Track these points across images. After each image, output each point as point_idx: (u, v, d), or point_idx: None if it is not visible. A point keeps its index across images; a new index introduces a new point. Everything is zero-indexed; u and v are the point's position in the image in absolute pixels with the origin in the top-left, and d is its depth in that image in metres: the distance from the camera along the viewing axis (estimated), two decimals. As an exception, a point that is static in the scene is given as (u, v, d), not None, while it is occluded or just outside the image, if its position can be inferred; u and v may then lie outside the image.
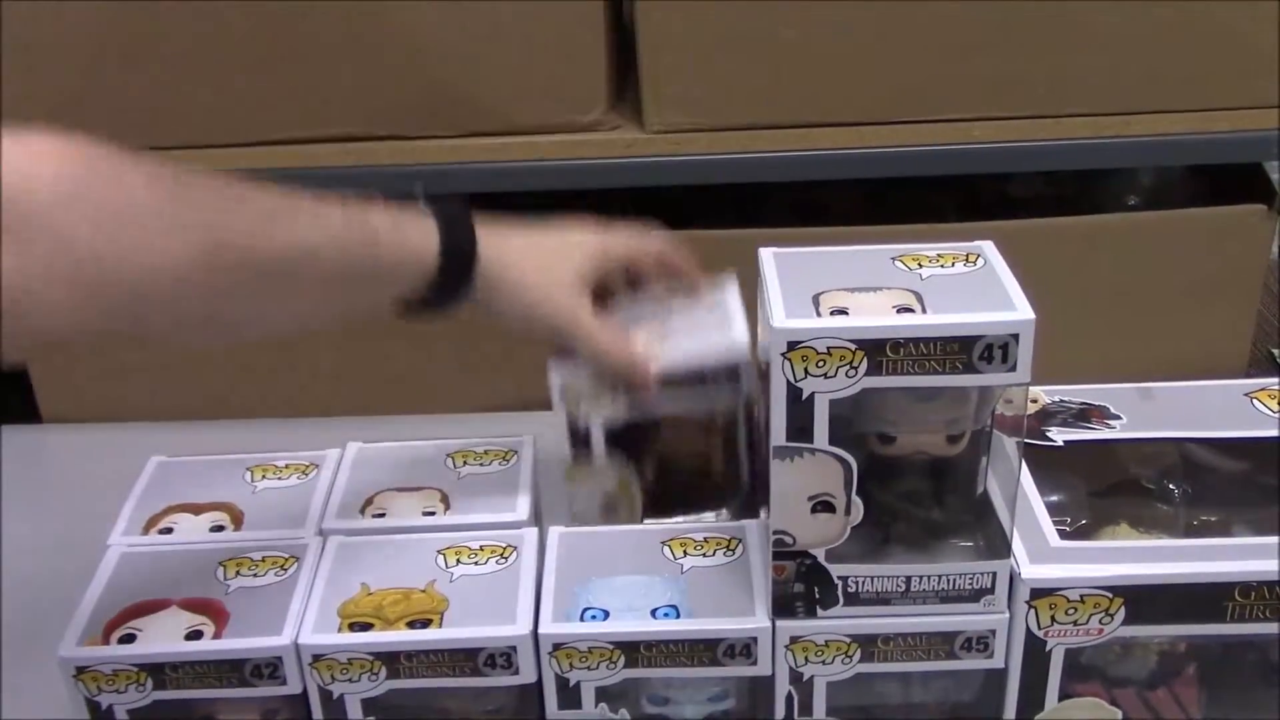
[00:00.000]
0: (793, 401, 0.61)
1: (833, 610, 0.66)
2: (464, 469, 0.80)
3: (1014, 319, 0.60)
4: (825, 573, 0.65)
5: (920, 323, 0.60)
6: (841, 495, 0.63)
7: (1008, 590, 0.66)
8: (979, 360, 0.60)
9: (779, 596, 0.66)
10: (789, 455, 0.63)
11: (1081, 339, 1.07)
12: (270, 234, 0.62)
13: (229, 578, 0.71)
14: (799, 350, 0.60)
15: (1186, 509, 0.73)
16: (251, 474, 0.80)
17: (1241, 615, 0.65)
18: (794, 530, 0.65)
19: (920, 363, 0.60)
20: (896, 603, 0.66)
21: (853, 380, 0.60)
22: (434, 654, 0.66)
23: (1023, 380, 0.61)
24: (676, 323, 0.78)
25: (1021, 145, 1.00)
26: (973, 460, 0.67)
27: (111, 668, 0.66)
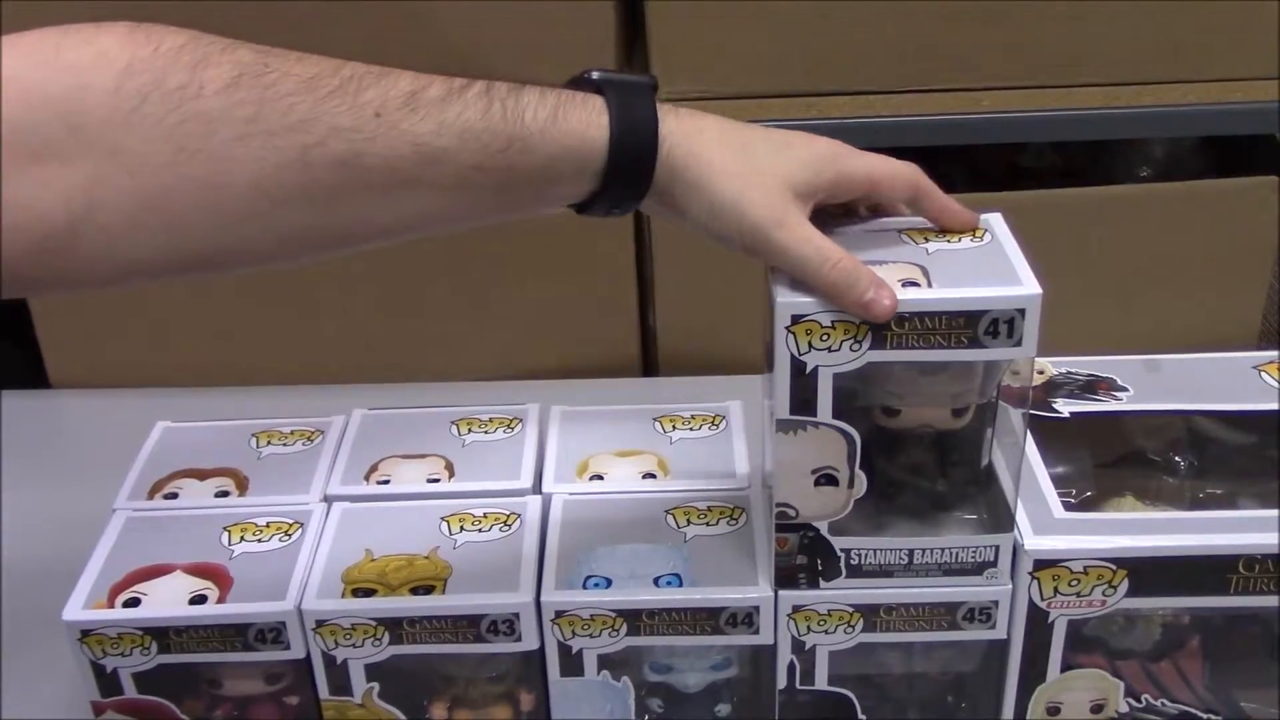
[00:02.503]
0: (796, 375, 0.61)
1: (835, 582, 0.66)
2: (468, 436, 0.80)
3: (1021, 294, 0.60)
4: (828, 545, 0.65)
5: (926, 297, 0.60)
6: (845, 468, 0.63)
7: (1011, 563, 0.65)
8: (985, 335, 0.60)
9: (781, 568, 0.66)
10: (792, 428, 0.62)
11: (1091, 311, 1.06)
12: (379, 136, 0.54)
13: (233, 543, 0.71)
14: (803, 324, 0.60)
15: (1192, 481, 0.73)
16: (257, 440, 0.81)
17: (1245, 588, 0.65)
18: (797, 503, 0.64)
19: (925, 337, 0.60)
20: (899, 575, 0.66)
21: (857, 354, 0.60)
22: (437, 620, 0.66)
23: (1028, 355, 0.61)
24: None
25: (1032, 115, 1.00)
26: (977, 433, 0.66)
27: (116, 631, 0.67)
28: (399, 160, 0.54)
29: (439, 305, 1.07)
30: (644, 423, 0.80)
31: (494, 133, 0.56)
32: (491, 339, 1.08)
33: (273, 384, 1.06)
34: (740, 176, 0.60)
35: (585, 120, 0.58)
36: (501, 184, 0.57)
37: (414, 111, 0.54)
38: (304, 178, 0.53)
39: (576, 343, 1.09)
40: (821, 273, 0.59)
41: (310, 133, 0.53)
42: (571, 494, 0.74)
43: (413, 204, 0.56)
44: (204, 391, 1.05)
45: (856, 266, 0.59)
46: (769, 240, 0.60)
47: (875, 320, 0.59)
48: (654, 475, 0.76)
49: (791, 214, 0.60)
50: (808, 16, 0.96)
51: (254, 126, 0.52)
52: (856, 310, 0.59)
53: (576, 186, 0.59)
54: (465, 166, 0.55)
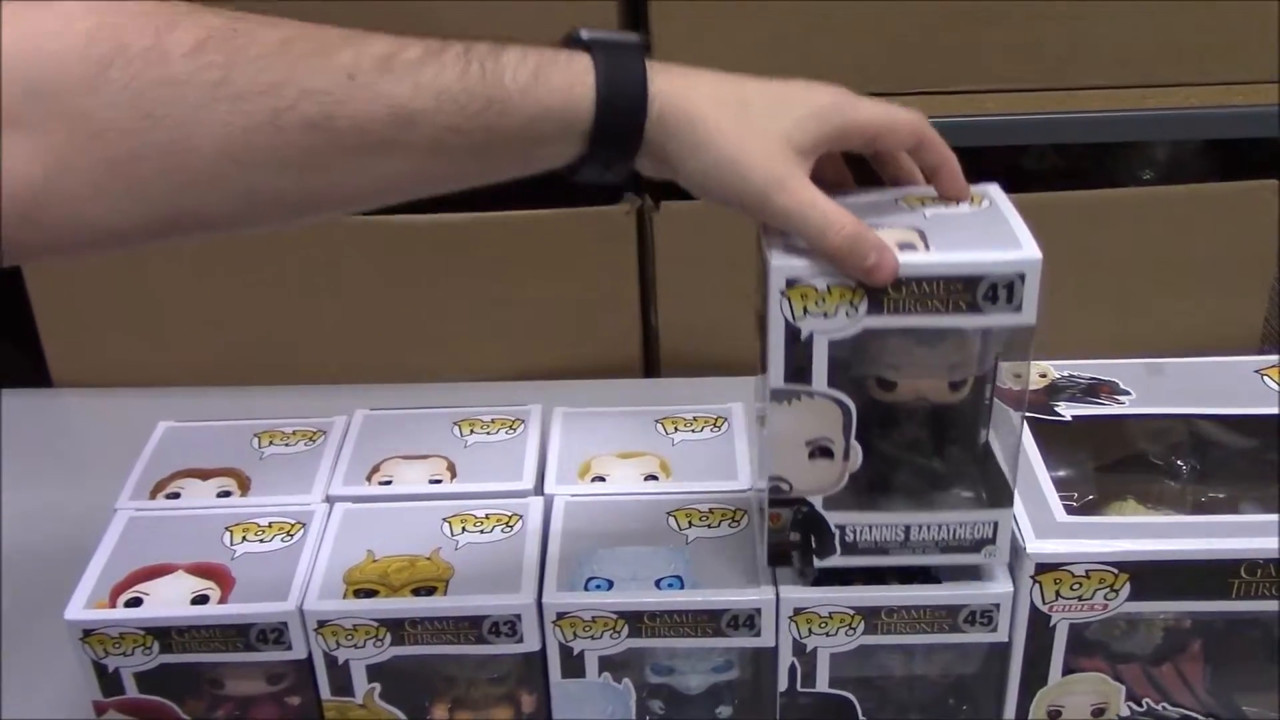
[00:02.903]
0: (791, 342, 0.60)
1: (830, 560, 0.65)
2: (470, 437, 0.80)
3: (1020, 258, 0.58)
4: (822, 521, 0.64)
5: (923, 261, 0.58)
6: (840, 440, 0.62)
7: (1010, 542, 0.64)
8: (984, 300, 0.58)
9: (774, 545, 0.65)
10: (786, 398, 0.61)
11: (1093, 313, 1.06)
12: (352, 98, 0.52)
13: (235, 543, 0.71)
14: (798, 288, 0.58)
15: (1194, 485, 0.73)
16: (259, 440, 0.81)
17: (1247, 593, 0.65)
18: (790, 476, 0.63)
19: (923, 302, 0.58)
20: (895, 553, 0.65)
21: (853, 320, 0.59)
22: (439, 621, 0.66)
23: (1028, 322, 0.59)
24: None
25: (1034, 118, 1.00)
26: (975, 409, 0.65)
27: (118, 631, 0.67)
28: (373, 123, 0.53)
29: (441, 305, 1.07)
30: (646, 424, 0.80)
31: (471, 94, 0.54)
32: (493, 338, 1.08)
33: (274, 384, 1.06)
34: (738, 137, 0.58)
35: (570, 80, 0.56)
36: (481, 146, 0.55)
37: (389, 73, 0.53)
38: (274, 141, 0.52)
39: (578, 343, 1.09)
40: (826, 238, 0.58)
41: (281, 96, 0.52)
42: (573, 495, 0.74)
43: (388, 167, 0.55)
44: (206, 391, 1.05)
45: (861, 230, 0.58)
46: (770, 204, 0.58)
47: (877, 285, 0.58)
48: (656, 477, 0.76)
49: (793, 175, 0.58)
50: (811, 18, 0.96)
51: (222, 90, 0.51)
52: (859, 275, 0.58)
53: (563, 148, 0.57)
54: (441, 128, 0.54)
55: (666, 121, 0.57)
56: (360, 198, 0.57)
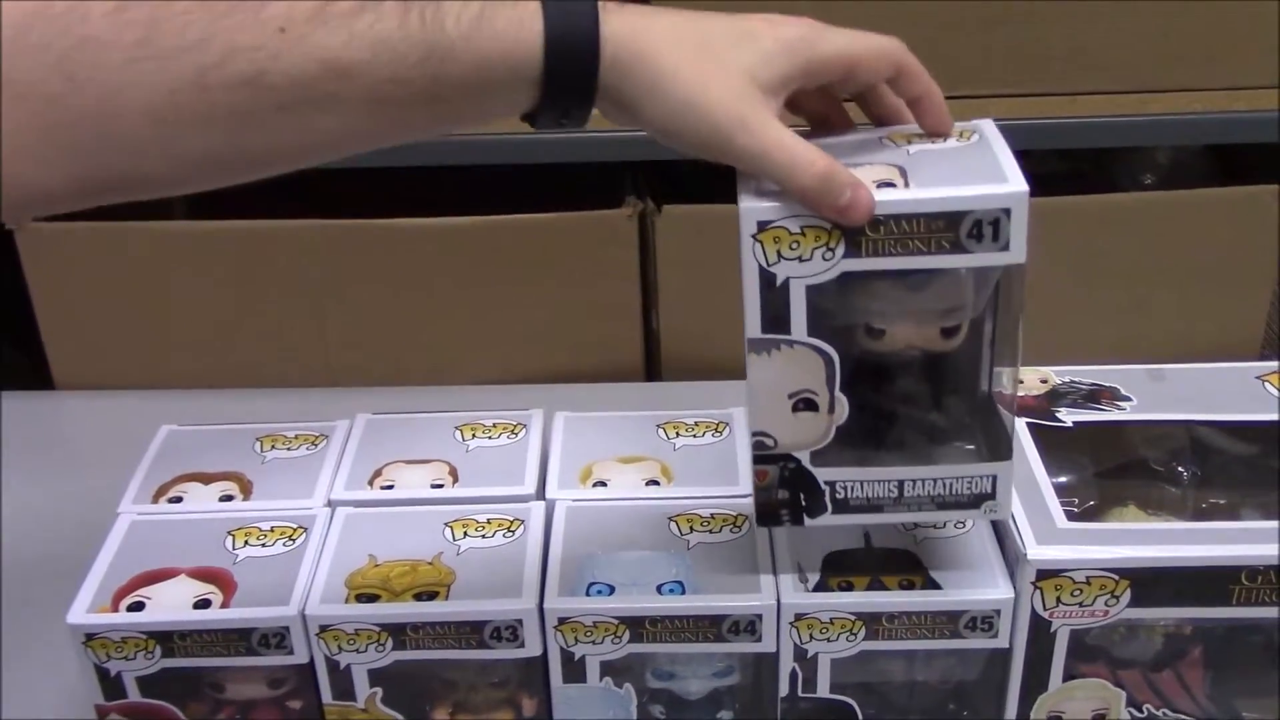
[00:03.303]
0: (766, 288, 0.57)
1: (821, 518, 0.63)
2: (472, 442, 0.80)
3: (1005, 191, 0.55)
4: (810, 477, 0.62)
5: (900, 197, 0.55)
6: (824, 392, 0.59)
7: (1010, 495, 0.62)
8: (967, 238, 0.55)
9: (762, 504, 0.63)
10: (765, 348, 0.59)
11: (1094, 317, 1.06)
12: (283, 52, 0.50)
13: (237, 547, 0.71)
14: (770, 231, 0.56)
15: (1195, 491, 0.73)
16: (261, 444, 0.81)
17: (1247, 599, 0.65)
18: (774, 431, 0.61)
19: (903, 242, 0.55)
20: (889, 509, 0.63)
21: (830, 263, 0.56)
22: (440, 626, 0.67)
23: (1017, 260, 0.56)
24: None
25: (1037, 122, 1.00)
26: (973, 356, 0.62)
27: (120, 635, 0.67)
28: (306, 77, 0.51)
29: (442, 308, 1.07)
30: (647, 429, 0.81)
31: (411, 42, 0.52)
32: (494, 342, 1.08)
33: (276, 386, 1.06)
34: (698, 76, 0.55)
35: (516, 24, 0.53)
36: (427, 96, 0.53)
37: (322, 24, 0.51)
38: (202, 101, 0.50)
39: (579, 346, 1.09)
40: (795, 177, 0.55)
41: (207, 53, 0.50)
42: (575, 500, 0.74)
43: (328, 123, 0.53)
44: (208, 393, 1.05)
45: (832, 167, 0.55)
46: (733, 145, 0.55)
47: (854, 224, 0.55)
48: (657, 482, 0.76)
49: (757, 114, 0.55)
50: (813, 23, 0.96)
51: (144, 50, 0.49)
52: (833, 215, 0.55)
53: (515, 95, 0.55)
54: (381, 80, 0.52)
55: (622, 63, 0.55)
56: (303, 154, 0.55)
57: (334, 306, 1.07)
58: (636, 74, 0.55)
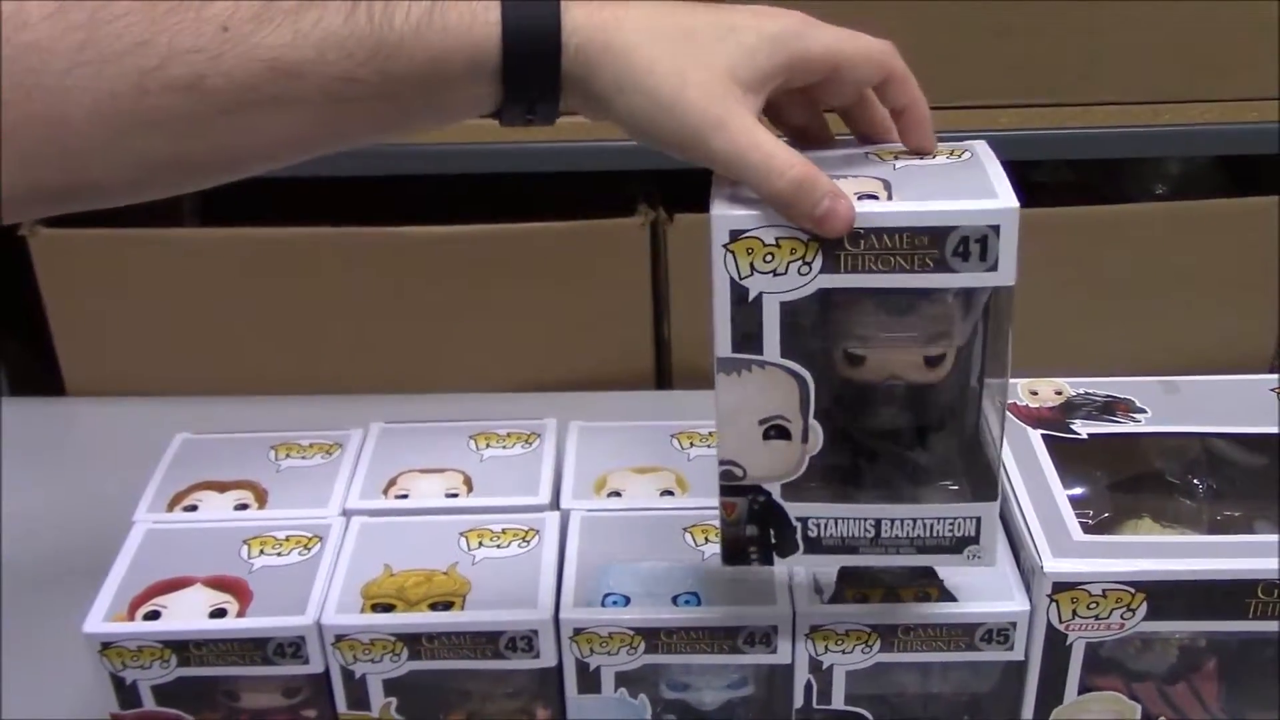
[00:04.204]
0: (738, 303, 0.54)
1: (792, 559, 0.59)
2: (486, 451, 0.80)
3: (994, 207, 0.52)
4: (781, 513, 0.58)
5: (883, 210, 0.52)
6: (797, 418, 0.56)
7: (997, 539, 0.59)
8: (953, 256, 0.52)
9: (729, 540, 0.59)
10: (735, 369, 0.55)
11: (1105, 328, 1.07)
12: (225, 53, 0.49)
13: (253, 556, 0.71)
14: (743, 241, 0.53)
15: (1210, 504, 0.73)
16: (276, 453, 0.81)
17: (1263, 613, 0.65)
18: (743, 460, 0.57)
19: (884, 259, 0.52)
20: (865, 551, 0.59)
21: (806, 279, 0.53)
22: (456, 636, 0.67)
23: (1006, 282, 0.53)
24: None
25: (1048, 133, 1.00)
26: (959, 390, 0.59)
27: (136, 644, 0.67)
28: (251, 79, 0.49)
29: (454, 316, 1.07)
30: (662, 439, 0.81)
31: (359, 39, 0.50)
32: (506, 350, 1.08)
33: (290, 393, 1.06)
34: (674, 72, 0.52)
35: (470, 16, 0.51)
36: (379, 95, 0.51)
37: (266, 23, 0.49)
38: (144, 106, 0.49)
39: (591, 354, 1.09)
40: (770, 182, 0.52)
41: (147, 56, 0.48)
42: (590, 511, 0.74)
43: (278, 126, 0.51)
44: (220, 400, 1.06)
45: (810, 173, 0.52)
46: (708, 146, 0.52)
47: (832, 235, 0.52)
48: (672, 492, 0.76)
49: (736, 114, 0.52)
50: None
51: (85, 54, 0.48)
52: (810, 225, 0.52)
53: (475, 90, 0.52)
54: (331, 79, 0.50)
55: (589, 56, 0.52)
56: (257, 158, 0.53)
57: (347, 313, 1.07)
58: (605, 67, 0.52)
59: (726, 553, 0.60)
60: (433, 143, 0.98)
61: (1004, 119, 0.99)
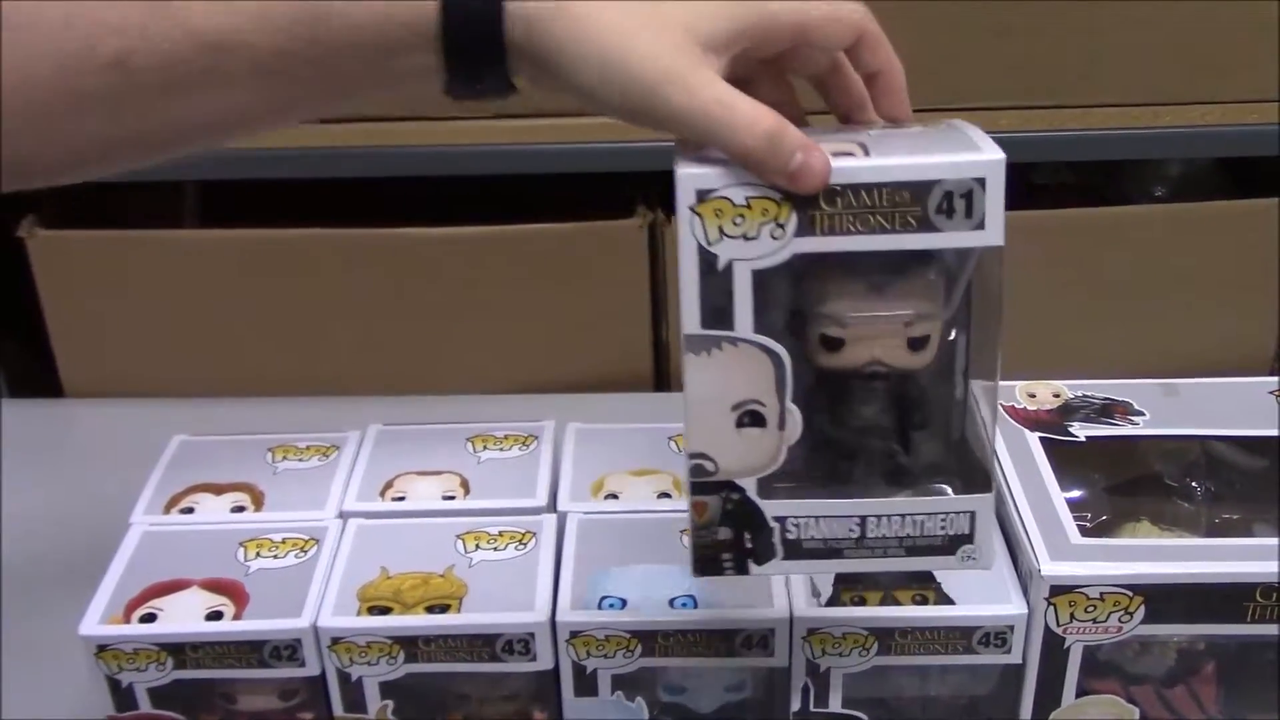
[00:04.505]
0: (706, 273, 0.50)
1: (770, 565, 0.55)
2: (484, 453, 0.80)
3: (979, 159, 0.49)
4: (757, 513, 0.54)
5: (861, 165, 0.49)
6: (773, 402, 0.52)
7: (993, 538, 0.55)
8: (936, 214, 0.49)
9: (701, 547, 0.55)
10: (705, 347, 0.51)
11: (1105, 329, 1.06)
12: (150, 29, 0.47)
13: (249, 559, 0.71)
14: (711, 202, 0.49)
15: (1208, 507, 0.73)
16: (272, 455, 0.81)
17: (1262, 616, 0.65)
18: (715, 452, 0.53)
19: (863, 218, 0.49)
20: (850, 554, 0.55)
21: (780, 243, 0.49)
22: (452, 639, 0.66)
23: (994, 241, 0.49)
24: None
25: (1048, 134, 1.00)
26: (946, 381, 0.55)
27: (132, 646, 0.67)
28: (180, 54, 0.48)
29: (452, 317, 1.07)
30: (659, 442, 0.80)
31: (289, 9, 0.48)
32: (504, 351, 1.08)
33: (287, 394, 1.06)
34: (627, 29, 0.48)
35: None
36: (317, 66, 0.49)
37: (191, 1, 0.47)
38: (70, 87, 0.48)
39: (589, 356, 1.09)
40: (738, 137, 0.48)
41: (69, 36, 0.47)
42: (587, 513, 0.74)
43: (212, 102, 0.49)
44: (217, 402, 1.05)
45: (781, 125, 0.48)
46: (665, 103, 0.48)
47: (807, 191, 0.48)
48: (669, 495, 0.76)
49: (694, 69, 0.49)
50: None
51: (12, 35, 0.47)
52: (783, 181, 0.49)
53: (417, 59, 0.50)
54: (264, 52, 0.48)
55: (533, 18, 0.49)
56: (199, 133, 0.52)
57: (344, 314, 1.07)
58: (554, 28, 0.49)
59: (698, 561, 0.56)
60: (431, 144, 0.99)
61: (1004, 120, 0.99)
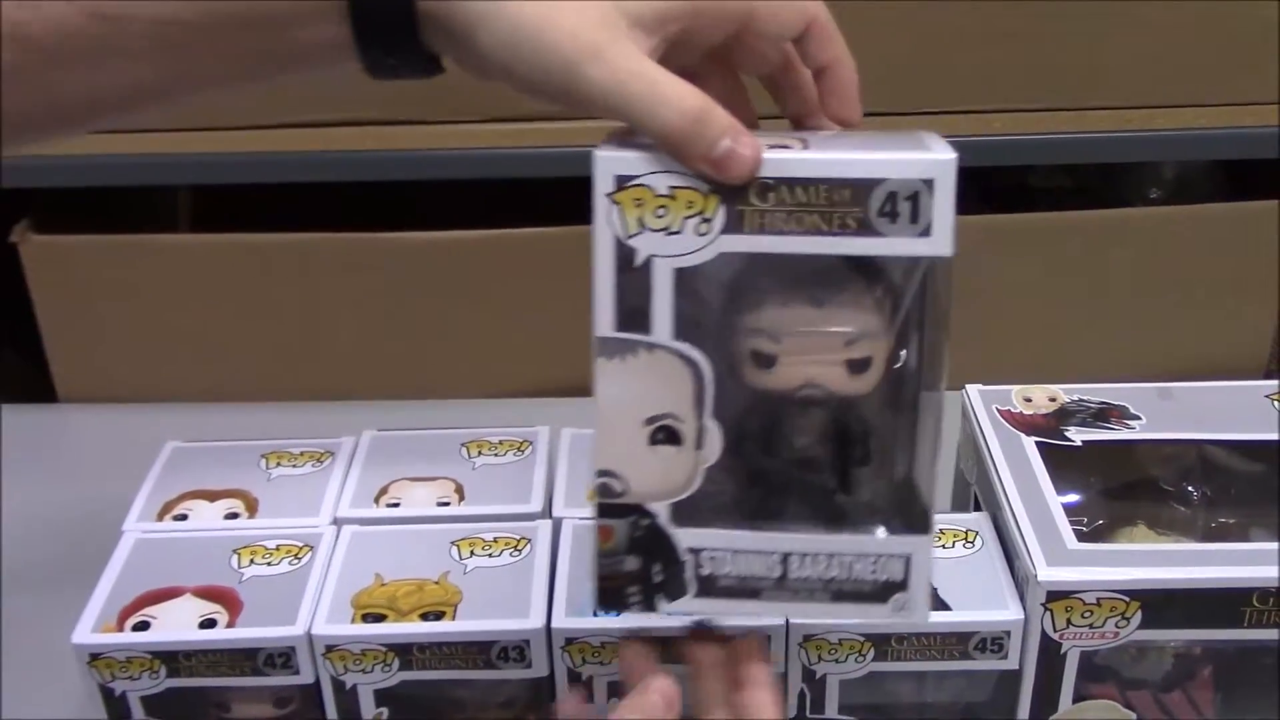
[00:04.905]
0: (624, 268, 0.46)
1: (680, 603, 0.50)
2: (478, 459, 0.79)
3: (928, 158, 0.45)
4: (669, 542, 0.49)
5: (797, 157, 0.45)
6: (690, 417, 0.47)
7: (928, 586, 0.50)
8: (879, 216, 0.45)
9: (605, 578, 0.50)
10: (618, 352, 0.47)
11: (1100, 332, 1.06)
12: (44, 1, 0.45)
13: (243, 566, 0.71)
14: (631, 190, 0.45)
15: (1205, 511, 0.73)
16: (266, 461, 0.80)
17: (1258, 621, 0.64)
18: (625, 470, 0.48)
19: (798, 217, 0.45)
20: (769, 595, 0.50)
21: (705, 239, 0.45)
22: (447, 646, 0.66)
23: (941, 251, 0.45)
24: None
25: (1043, 138, 1.00)
26: (891, 410, 0.50)
27: (125, 655, 0.66)
28: (71, 27, 0.46)
29: (447, 322, 1.07)
30: (654, 447, 0.80)
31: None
32: (499, 355, 1.08)
33: (282, 400, 1.05)
34: (545, 8, 0.45)
35: None
36: (214, 37, 0.47)
37: None
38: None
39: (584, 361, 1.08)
40: (657, 114, 0.45)
41: None
42: (582, 519, 0.74)
43: (110, 75, 0.47)
44: (211, 407, 1.05)
45: (707, 105, 0.45)
46: (583, 79, 0.45)
47: (733, 180, 0.45)
48: (665, 500, 0.75)
49: (617, 43, 0.45)
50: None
51: None
52: (708, 168, 0.45)
53: (325, 30, 0.47)
54: (159, 24, 0.46)
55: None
56: (101, 108, 0.49)
57: (338, 320, 1.07)
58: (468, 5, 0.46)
59: (601, 594, 0.51)
60: (426, 148, 0.99)
61: (998, 124, 0.99)
